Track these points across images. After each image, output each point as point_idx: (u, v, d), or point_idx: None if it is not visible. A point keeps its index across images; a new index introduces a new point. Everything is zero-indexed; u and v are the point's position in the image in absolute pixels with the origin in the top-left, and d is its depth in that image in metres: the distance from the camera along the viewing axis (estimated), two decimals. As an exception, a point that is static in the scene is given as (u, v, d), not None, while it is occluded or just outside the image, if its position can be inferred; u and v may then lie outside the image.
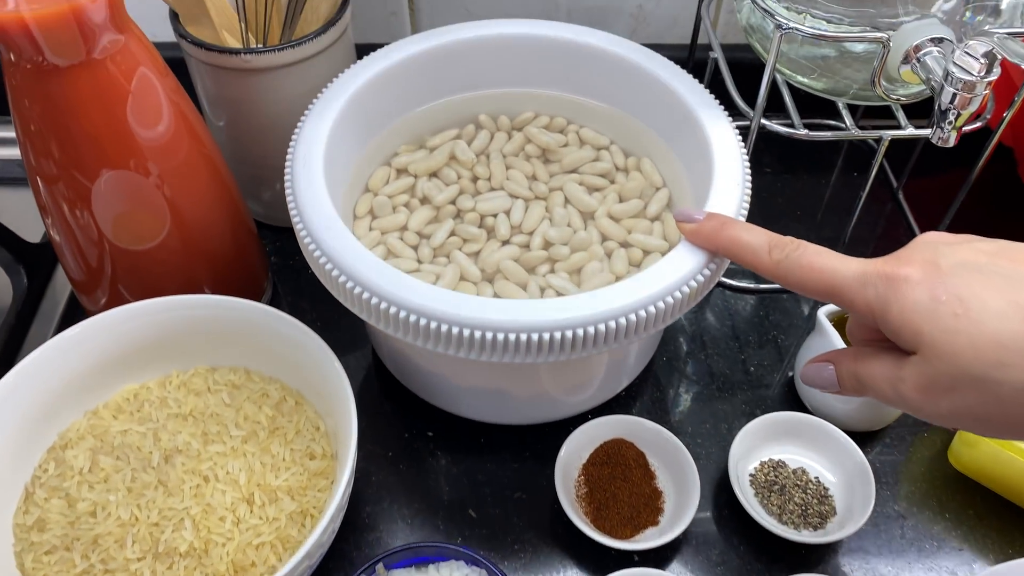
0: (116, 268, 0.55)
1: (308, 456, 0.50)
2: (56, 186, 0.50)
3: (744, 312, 0.66)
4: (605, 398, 0.58)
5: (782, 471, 0.55)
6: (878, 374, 0.36)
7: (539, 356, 0.45)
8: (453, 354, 0.45)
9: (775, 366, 0.62)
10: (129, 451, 0.50)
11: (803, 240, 0.40)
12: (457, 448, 0.58)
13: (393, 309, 0.44)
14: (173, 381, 0.54)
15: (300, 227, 0.48)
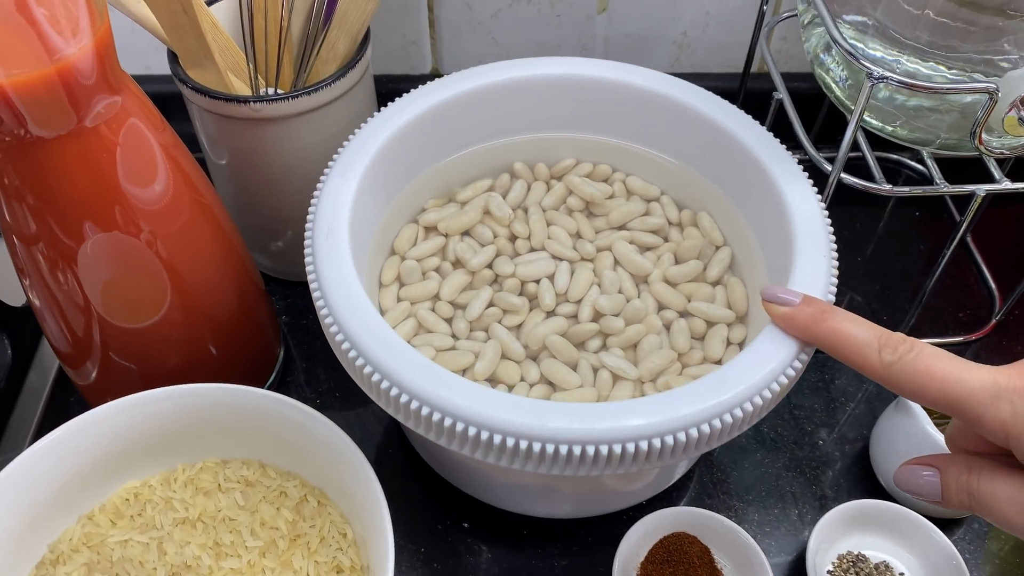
0: (107, 341, 0.48)
1: (335, 570, 0.44)
2: (35, 246, 0.44)
3: (806, 377, 0.60)
4: (662, 487, 0.52)
5: (863, 566, 0.49)
6: (1004, 495, 0.32)
7: (607, 468, 0.38)
8: (507, 466, 0.39)
9: (846, 439, 0.56)
10: (130, 567, 0.43)
11: (918, 340, 0.34)
12: (498, 542, 0.52)
13: (437, 416, 0.38)
14: (179, 478, 0.48)
15: (327, 317, 0.41)
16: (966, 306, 0.63)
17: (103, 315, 0.46)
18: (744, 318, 0.49)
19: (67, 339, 0.49)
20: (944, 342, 0.60)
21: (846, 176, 0.49)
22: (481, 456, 0.39)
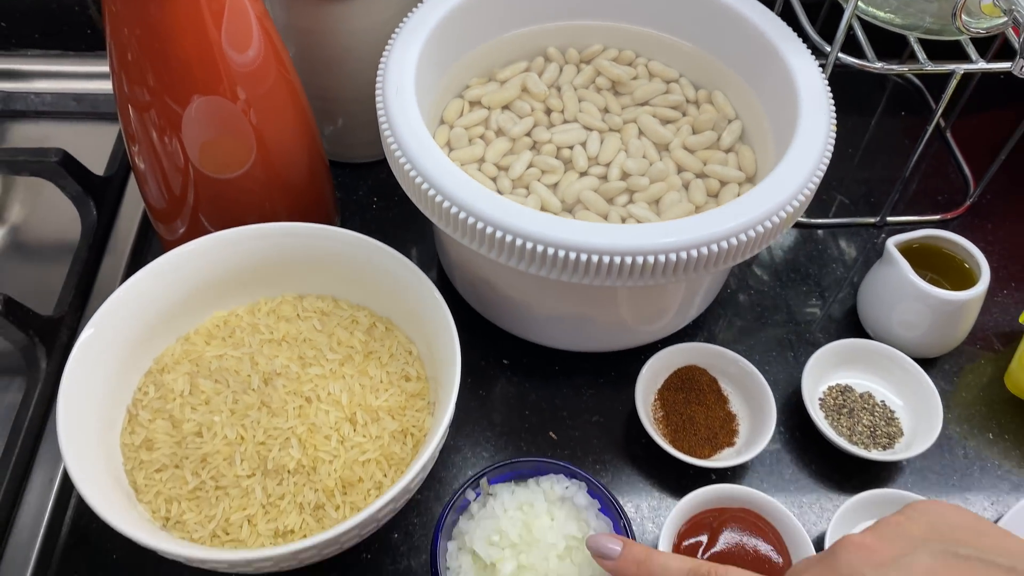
0: (199, 196, 0.55)
1: (404, 378, 0.52)
2: (147, 113, 0.51)
3: (809, 244, 0.67)
4: (676, 327, 0.60)
5: (849, 395, 0.58)
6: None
7: (631, 279, 0.46)
8: (556, 278, 0.46)
9: (840, 296, 0.64)
10: (227, 375, 0.51)
11: (725, 565, 0.38)
12: (533, 375, 0.59)
13: (489, 229, 0.46)
14: (262, 308, 0.55)
15: (395, 147, 0.49)
16: (944, 191, 0.71)
17: (198, 168, 0.53)
18: (753, 179, 0.56)
19: (164, 196, 0.56)
20: (923, 219, 0.68)
21: (843, 55, 0.56)
22: (525, 266, 0.46)
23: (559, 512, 0.47)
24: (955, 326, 0.57)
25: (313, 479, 0.47)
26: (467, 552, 0.46)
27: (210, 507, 0.46)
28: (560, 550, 0.45)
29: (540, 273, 0.47)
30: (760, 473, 0.55)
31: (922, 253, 0.59)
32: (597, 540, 0.42)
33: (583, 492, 0.47)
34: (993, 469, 0.56)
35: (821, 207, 0.69)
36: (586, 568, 0.45)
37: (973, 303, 0.56)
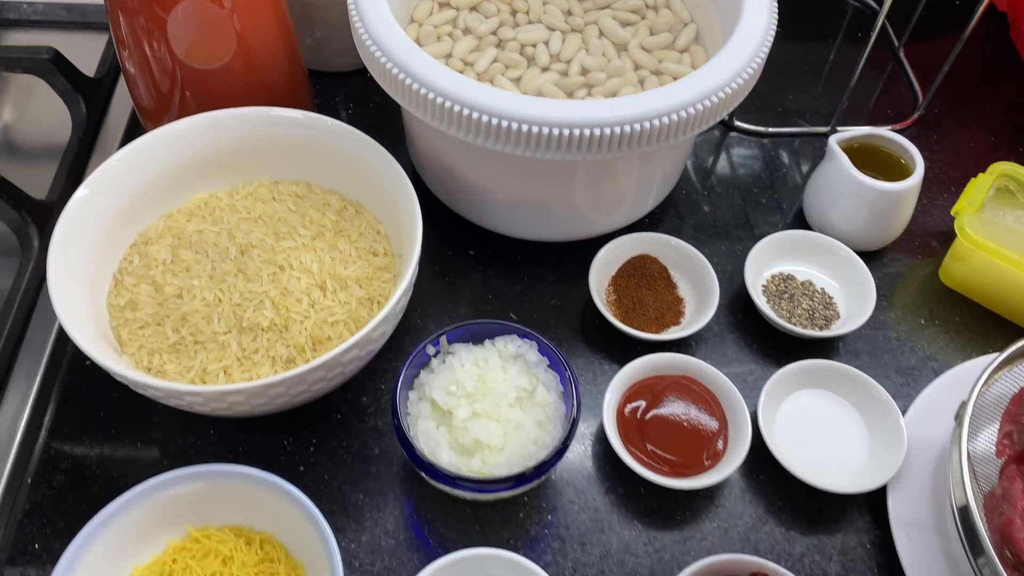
0: (184, 96, 0.58)
1: (372, 253, 0.55)
2: (136, 18, 0.54)
3: (765, 152, 0.71)
4: (632, 219, 0.63)
5: (791, 283, 0.61)
6: None
7: (579, 152, 0.50)
8: (518, 152, 0.50)
9: (790, 198, 0.68)
10: (207, 246, 0.54)
11: None
12: (497, 264, 0.63)
13: (448, 103, 0.49)
14: (240, 191, 0.58)
15: (371, 46, 0.52)
16: (895, 106, 0.75)
17: (184, 63, 0.56)
18: (703, 76, 0.60)
19: (152, 95, 0.59)
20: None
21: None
22: (492, 144, 0.50)
23: (511, 367, 0.51)
24: (892, 218, 0.61)
25: (285, 336, 0.51)
26: (427, 401, 0.50)
27: (189, 359, 0.50)
28: (511, 399, 0.50)
29: (496, 147, 0.50)
30: (704, 350, 0.59)
31: (863, 153, 0.63)
32: None
33: (534, 350, 0.51)
34: (920, 351, 0.60)
35: (779, 119, 0.73)
36: (534, 414, 0.49)
37: (908, 195, 0.60)
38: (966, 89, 0.76)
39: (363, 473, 0.53)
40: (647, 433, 0.53)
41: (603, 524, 0.52)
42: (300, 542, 0.47)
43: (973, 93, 0.76)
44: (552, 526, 0.52)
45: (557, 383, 0.51)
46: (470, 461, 0.48)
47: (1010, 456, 0.49)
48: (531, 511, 0.52)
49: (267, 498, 0.46)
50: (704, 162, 0.71)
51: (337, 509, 0.52)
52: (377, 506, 0.52)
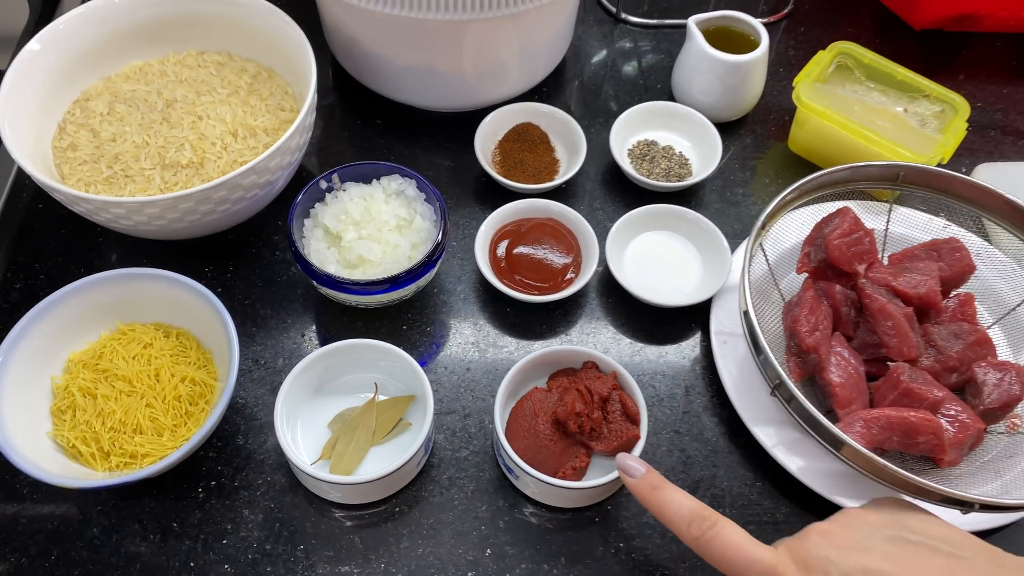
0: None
1: (279, 109, 0.64)
2: None
3: (642, 42, 0.80)
4: (519, 91, 0.72)
5: (654, 147, 0.71)
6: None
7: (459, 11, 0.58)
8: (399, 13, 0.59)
9: (663, 78, 0.77)
10: (139, 102, 0.63)
11: (721, 517, 0.44)
12: (401, 131, 0.72)
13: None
14: (170, 60, 0.67)
15: None
16: (769, 1, 0.83)
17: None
18: None
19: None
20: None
21: None
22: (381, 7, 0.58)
23: (394, 200, 0.60)
24: (743, 89, 0.70)
25: (201, 173, 0.60)
26: (320, 227, 0.59)
27: (119, 189, 0.59)
28: (392, 226, 0.59)
29: (381, 9, 0.59)
30: (574, 198, 0.69)
31: (719, 34, 0.71)
32: (624, 459, 0.47)
33: (413, 187, 0.61)
34: (763, 205, 0.69)
35: (665, 13, 0.81)
36: (410, 237, 0.59)
37: (755, 66, 0.69)
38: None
39: (271, 294, 0.63)
40: (513, 263, 0.62)
41: (473, 336, 0.62)
42: (210, 335, 0.56)
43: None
44: (430, 336, 0.61)
45: (432, 213, 0.60)
46: (353, 272, 0.58)
47: (809, 271, 0.59)
48: (413, 323, 0.62)
49: (183, 298, 0.56)
50: (593, 48, 0.79)
51: (248, 320, 0.61)
52: (282, 319, 0.62)
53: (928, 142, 0.65)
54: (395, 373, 0.57)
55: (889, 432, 0.52)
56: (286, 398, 0.53)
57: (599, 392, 0.54)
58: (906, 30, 0.81)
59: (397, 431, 0.56)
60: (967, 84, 0.78)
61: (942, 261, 0.58)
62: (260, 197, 0.59)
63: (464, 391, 0.59)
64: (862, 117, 0.66)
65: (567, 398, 0.53)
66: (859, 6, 0.81)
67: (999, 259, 0.61)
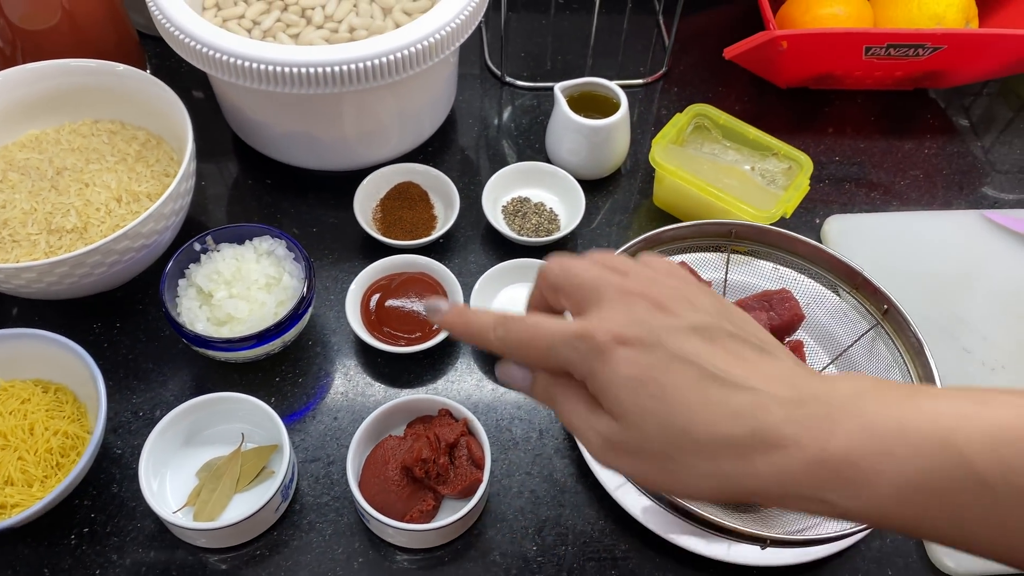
0: (19, 48, 0.71)
1: (164, 175, 0.69)
2: None
3: (527, 102, 0.85)
4: (402, 151, 0.77)
5: (526, 203, 0.75)
6: (572, 409, 0.38)
7: (307, 87, 0.63)
8: (268, 89, 0.63)
9: (538, 136, 0.82)
10: (31, 170, 0.68)
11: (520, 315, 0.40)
12: (289, 190, 0.77)
13: (227, 57, 0.63)
14: (65, 128, 0.72)
15: (163, 20, 0.65)
16: (650, 64, 0.89)
17: (18, 25, 0.69)
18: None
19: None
20: (628, 83, 0.85)
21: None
22: (250, 83, 0.63)
23: (265, 260, 0.65)
24: (607, 150, 0.75)
25: (85, 237, 0.64)
26: (193, 286, 0.63)
27: (6, 254, 0.63)
28: (261, 284, 0.63)
29: (253, 85, 0.64)
30: (449, 254, 0.73)
31: (585, 99, 0.77)
32: (430, 300, 0.44)
33: (282, 246, 0.65)
34: (627, 256, 0.74)
35: (548, 76, 0.87)
36: (277, 295, 0.63)
37: (616, 128, 0.74)
38: (710, 53, 0.89)
39: (154, 349, 0.67)
40: (383, 316, 0.67)
41: (343, 385, 0.66)
42: (85, 390, 0.60)
43: (717, 56, 0.89)
44: (302, 387, 0.65)
45: (300, 271, 0.64)
46: (220, 329, 0.62)
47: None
48: (287, 375, 0.66)
49: (60, 355, 0.60)
50: (480, 108, 0.84)
51: (130, 375, 0.65)
52: (162, 372, 0.66)
53: (771, 198, 0.70)
54: (260, 423, 0.60)
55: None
56: (152, 449, 0.57)
57: (447, 439, 0.58)
58: (774, 88, 0.86)
59: (261, 479, 0.59)
60: (828, 139, 0.83)
61: (773, 311, 0.63)
62: (139, 259, 0.63)
63: (330, 439, 0.63)
64: (711, 175, 0.71)
65: (415, 445, 0.57)
66: (731, 67, 0.86)
67: (832, 302, 0.65)
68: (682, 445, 0.35)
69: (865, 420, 0.33)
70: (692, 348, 0.35)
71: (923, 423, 0.33)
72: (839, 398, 0.34)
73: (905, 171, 0.81)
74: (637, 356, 0.35)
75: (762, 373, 0.35)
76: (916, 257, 0.73)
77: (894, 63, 0.80)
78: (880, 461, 0.33)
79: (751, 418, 0.34)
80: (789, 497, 0.34)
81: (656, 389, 0.35)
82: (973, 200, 0.80)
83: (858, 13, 0.82)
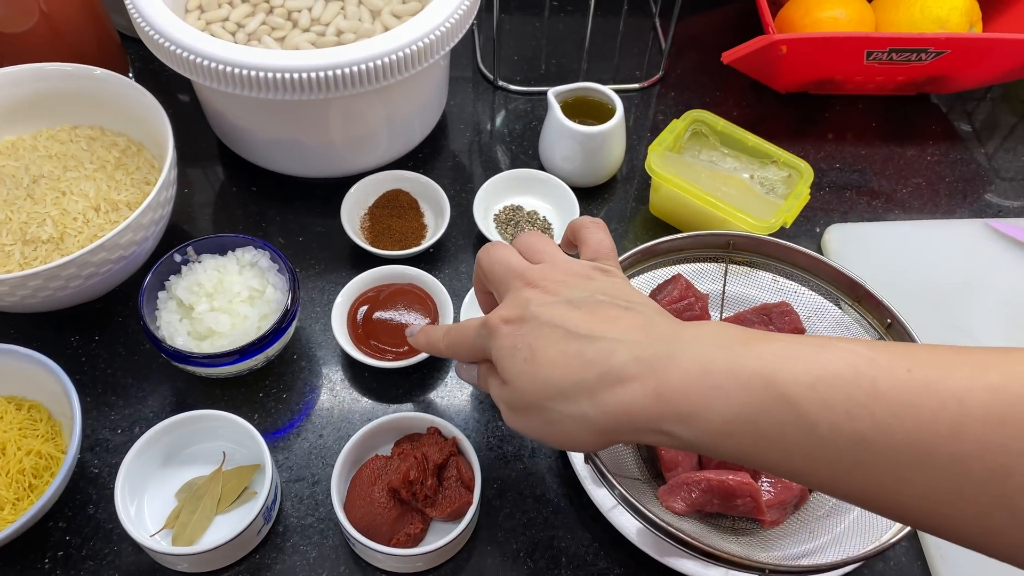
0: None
1: (144, 183, 0.66)
2: None
3: (521, 107, 0.83)
4: (391, 158, 0.75)
5: (519, 212, 0.73)
6: (491, 386, 0.45)
7: (294, 93, 0.61)
8: (253, 95, 0.61)
9: (531, 143, 0.79)
10: (6, 178, 0.65)
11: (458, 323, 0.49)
12: (275, 198, 0.74)
13: (211, 63, 0.60)
14: (43, 135, 0.69)
15: (143, 24, 0.63)
16: (646, 69, 0.87)
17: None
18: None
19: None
20: (620, 87, 0.83)
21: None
22: (250, 91, 0.61)
23: (248, 272, 0.62)
24: (602, 156, 0.73)
25: (61, 247, 0.62)
26: (174, 298, 0.61)
27: (-22, 265, 0.61)
28: (244, 297, 0.61)
29: (237, 91, 0.61)
30: (440, 264, 0.71)
31: (580, 104, 0.75)
32: (412, 327, 0.55)
33: (266, 257, 0.63)
34: (623, 266, 0.72)
35: (542, 80, 0.85)
36: (260, 309, 0.61)
37: (611, 135, 0.72)
38: (708, 56, 0.88)
39: (134, 363, 0.64)
40: (370, 329, 0.64)
41: (329, 401, 0.63)
42: (60, 407, 0.58)
43: (715, 59, 0.87)
44: (286, 403, 0.63)
45: (284, 283, 0.62)
46: (202, 344, 0.59)
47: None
48: (271, 390, 0.64)
49: (34, 371, 0.57)
50: (471, 114, 0.82)
51: (108, 390, 0.63)
52: (142, 387, 0.63)
53: (771, 208, 0.68)
54: (242, 442, 0.58)
55: (709, 495, 0.54)
56: (129, 471, 0.55)
57: (435, 459, 0.56)
58: (772, 93, 0.84)
59: (242, 500, 0.57)
60: (828, 145, 0.81)
61: (772, 325, 0.61)
62: (117, 270, 0.61)
63: (315, 458, 0.61)
64: (708, 184, 0.69)
65: (402, 466, 0.55)
66: (729, 71, 0.84)
67: (833, 315, 0.63)
68: (550, 395, 0.40)
69: (701, 359, 0.37)
70: (559, 314, 0.41)
71: (752, 362, 0.36)
72: (683, 341, 0.39)
73: (907, 179, 0.79)
74: (514, 329, 0.42)
75: (621, 325, 0.40)
76: (919, 267, 0.71)
77: (896, 68, 0.78)
78: (709, 396, 0.36)
79: (601, 362, 0.39)
80: (639, 431, 0.38)
81: (527, 352, 0.41)
82: (977, 208, 0.78)
83: (859, 16, 0.80)
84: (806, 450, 0.35)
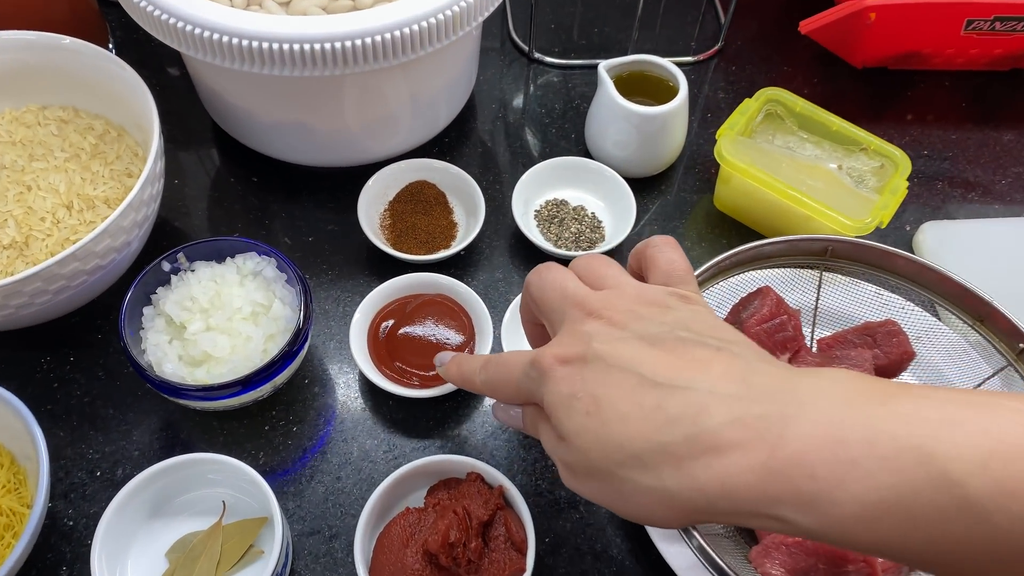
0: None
1: (126, 175, 0.56)
2: None
3: (558, 83, 0.72)
4: (414, 144, 0.64)
5: (564, 207, 0.63)
6: (546, 440, 0.37)
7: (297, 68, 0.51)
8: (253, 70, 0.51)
9: (577, 127, 0.69)
10: (-39, 168, 0.55)
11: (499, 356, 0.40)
12: (278, 190, 0.64)
13: (187, 26, 0.50)
14: (6, 116, 0.59)
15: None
16: (701, 40, 0.76)
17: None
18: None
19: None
20: (681, 60, 0.73)
21: None
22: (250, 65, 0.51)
23: (250, 283, 0.52)
24: (661, 142, 0.63)
25: (26, 254, 0.52)
26: (162, 316, 0.51)
27: (-73, 275, 0.51)
28: (246, 314, 0.51)
29: (234, 66, 0.51)
30: (472, 270, 0.61)
31: (635, 80, 0.64)
32: (441, 355, 0.45)
33: (272, 266, 0.53)
34: (685, 271, 0.62)
35: (583, 52, 0.74)
36: (266, 328, 0.51)
37: (673, 117, 0.61)
38: (770, 25, 0.77)
39: (116, 389, 0.54)
40: (395, 350, 0.55)
41: (347, 435, 0.54)
42: (23, 449, 0.48)
43: (778, 28, 0.77)
44: (296, 437, 0.53)
45: (293, 297, 0.52)
46: (195, 371, 0.49)
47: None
48: (277, 423, 0.54)
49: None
50: (503, 92, 0.72)
51: (86, 423, 0.53)
52: (126, 420, 0.53)
53: (865, 204, 0.58)
54: (245, 490, 0.48)
55: (814, 559, 0.45)
56: (108, 529, 0.45)
57: (479, 516, 0.46)
58: (847, 68, 0.74)
59: (247, 560, 0.48)
60: (913, 128, 0.71)
61: (877, 348, 0.51)
62: (92, 283, 0.51)
63: (332, 506, 0.51)
64: (791, 175, 0.59)
65: (440, 524, 0.45)
66: (795, 41, 0.73)
67: (947, 338, 0.54)
68: (621, 460, 0.32)
69: (827, 422, 0.29)
70: (631, 354, 0.33)
71: (898, 428, 0.28)
72: (798, 396, 0.30)
73: (1006, 167, 0.69)
74: (573, 372, 0.34)
75: (714, 372, 0.32)
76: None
77: (995, 39, 0.67)
78: (841, 473, 0.28)
79: (689, 421, 0.31)
80: (739, 514, 0.30)
81: (590, 404, 0.33)
82: (1087, 202, 0.68)
83: (953, -20, 0.69)
84: (976, 546, 0.27)
